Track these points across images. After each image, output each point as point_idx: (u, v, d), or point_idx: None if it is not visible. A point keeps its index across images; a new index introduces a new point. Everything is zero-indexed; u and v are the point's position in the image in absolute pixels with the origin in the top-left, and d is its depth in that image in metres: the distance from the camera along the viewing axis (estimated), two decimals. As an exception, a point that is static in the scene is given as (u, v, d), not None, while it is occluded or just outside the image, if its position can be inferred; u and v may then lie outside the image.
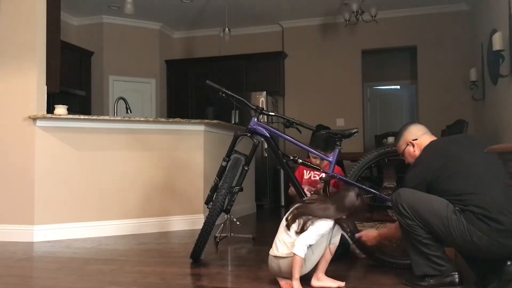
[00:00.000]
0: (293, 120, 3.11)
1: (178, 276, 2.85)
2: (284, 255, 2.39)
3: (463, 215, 2.27)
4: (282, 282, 2.43)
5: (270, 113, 3.25)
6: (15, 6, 4.26)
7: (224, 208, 3.13)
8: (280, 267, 2.44)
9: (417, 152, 2.57)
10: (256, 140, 3.16)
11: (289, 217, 2.44)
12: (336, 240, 2.50)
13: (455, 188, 2.33)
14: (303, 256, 2.31)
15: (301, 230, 2.35)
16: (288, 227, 2.41)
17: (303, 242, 2.31)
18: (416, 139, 2.60)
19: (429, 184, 2.43)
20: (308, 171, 3.59)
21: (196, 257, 3.07)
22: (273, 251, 2.47)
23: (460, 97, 7.03)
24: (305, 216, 2.39)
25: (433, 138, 2.61)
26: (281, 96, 7.88)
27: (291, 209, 2.49)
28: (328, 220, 2.37)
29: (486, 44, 5.69)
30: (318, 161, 3.39)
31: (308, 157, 3.57)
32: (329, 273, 2.55)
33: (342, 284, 2.46)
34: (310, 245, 2.34)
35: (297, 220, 2.39)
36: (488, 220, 2.20)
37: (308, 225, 2.35)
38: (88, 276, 2.81)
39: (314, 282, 2.47)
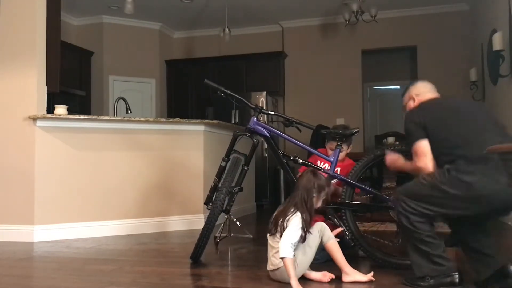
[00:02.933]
0: (292, 119, 3.09)
1: (178, 276, 2.85)
2: (278, 266, 2.48)
3: (455, 165, 2.29)
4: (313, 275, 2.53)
5: (270, 112, 3.24)
6: (15, 6, 4.25)
7: (224, 208, 3.13)
8: (279, 278, 2.51)
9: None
10: (255, 140, 3.14)
11: (271, 226, 2.57)
12: (329, 235, 2.56)
13: (455, 137, 2.37)
14: (290, 256, 2.37)
15: (282, 233, 2.48)
16: (271, 233, 2.55)
17: (285, 243, 2.40)
18: (418, 95, 2.64)
19: (426, 129, 2.44)
20: (322, 163, 3.53)
21: (196, 258, 3.07)
22: (269, 267, 2.56)
23: (460, 97, 6.97)
24: (280, 219, 2.53)
25: (432, 90, 2.66)
26: (281, 96, 7.88)
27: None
28: (297, 213, 2.50)
29: (486, 44, 5.69)
30: (333, 146, 3.25)
31: (308, 156, 3.55)
32: (331, 273, 2.55)
33: (371, 277, 2.53)
34: (294, 244, 2.43)
35: (278, 227, 2.51)
36: (485, 160, 2.24)
37: (285, 225, 2.47)
38: (88, 276, 2.81)
39: (344, 277, 2.53)
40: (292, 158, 3.06)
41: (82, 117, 4.28)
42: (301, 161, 3.05)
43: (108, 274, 2.85)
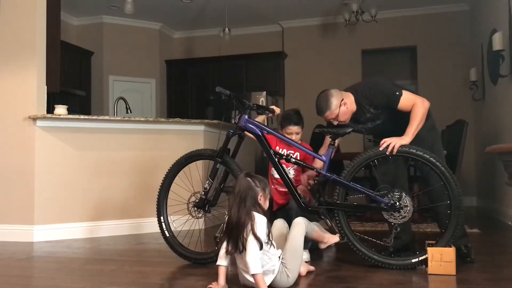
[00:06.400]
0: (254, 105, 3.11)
1: (178, 276, 2.85)
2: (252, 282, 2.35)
3: None
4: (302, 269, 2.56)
5: (253, 107, 3.11)
6: (15, 6, 4.26)
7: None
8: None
9: (351, 107, 3.00)
10: (244, 135, 3.08)
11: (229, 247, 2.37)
12: (312, 227, 2.64)
13: None
14: (260, 271, 2.26)
15: (243, 248, 2.29)
16: (231, 252, 2.35)
17: (252, 260, 2.25)
18: (343, 99, 2.99)
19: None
20: (281, 149, 3.52)
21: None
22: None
23: (460, 97, 7.03)
24: (237, 234, 2.32)
25: (343, 91, 3.08)
26: (281, 96, 7.88)
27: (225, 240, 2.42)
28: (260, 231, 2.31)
29: (486, 44, 5.69)
30: (293, 136, 3.43)
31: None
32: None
33: (337, 237, 2.72)
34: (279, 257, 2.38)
35: (237, 244, 2.32)
36: None
37: (244, 242, 2.29)
38: (88, 276, 2.82)
39: (321, 246, 2.67)
40: (284, 156, 3.03)
41: (82, 117, 4.29)
42: (293, 160, 3.02)
43: (108, 274, 2.86)
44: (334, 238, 2.67)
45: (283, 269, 2.40)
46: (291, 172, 3.52)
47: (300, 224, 2.51)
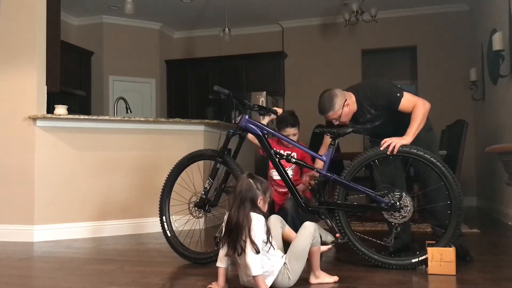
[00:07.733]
0: (258, 105, 3.08)
1: (178, 276, 2.85)
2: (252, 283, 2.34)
3: None
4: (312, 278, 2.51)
5: (254, 107, 3.08)
6: (15, 6, 4.26)
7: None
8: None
9: (352, 107, 3.02)
10: (244, 135, 3.07)
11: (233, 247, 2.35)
12: (318, 240, 2.49)
13: None
14: (261, 272, 2.26)
15: (242, 250, 2.29)
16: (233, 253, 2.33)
17: (252, 261, 2.24)
18: (346, 100, 2.99)
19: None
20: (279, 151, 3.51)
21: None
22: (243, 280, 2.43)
23: (460, 97, 7.03)
24: (236, 236, 2.31)
25: (345, 91, 3.09)
26: (281, 96, 7.88)
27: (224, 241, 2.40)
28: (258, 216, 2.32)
29: (486, 44, 5.69)
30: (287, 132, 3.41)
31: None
32: (329, 273, 2.56)
33: (336, 278, 2.54)
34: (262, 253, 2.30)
35: (235, 246, 2.31)
36: None
37: (243, 245, 2.28)
38: (88, 276, 2.81)
39: (312, 279, 2.51)
40: (285, 156, 3.02)
41: (82, 117, 4.29)
42: (294, 160, 3.01)
43: (108, 274, 2.85)
44: (329, 279, 2.52)
45: (285, 270, 2.40)
46: (289, 172, 3.52)
47: (309, 229, 2.47)
